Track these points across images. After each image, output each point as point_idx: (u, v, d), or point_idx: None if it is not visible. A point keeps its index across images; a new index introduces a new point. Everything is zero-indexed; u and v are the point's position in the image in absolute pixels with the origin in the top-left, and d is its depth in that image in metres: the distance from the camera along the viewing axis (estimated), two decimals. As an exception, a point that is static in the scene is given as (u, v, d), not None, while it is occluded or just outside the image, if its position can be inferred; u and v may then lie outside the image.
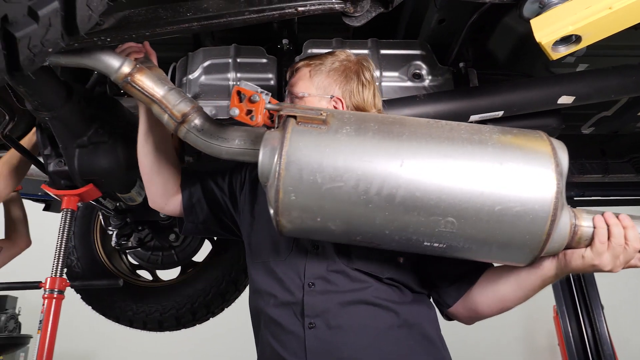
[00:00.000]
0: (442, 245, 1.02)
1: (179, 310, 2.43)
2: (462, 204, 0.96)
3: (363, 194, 0.97)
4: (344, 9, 1.04)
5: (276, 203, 1.00)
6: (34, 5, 0.57)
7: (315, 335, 1.17)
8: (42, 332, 1.56)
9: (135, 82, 1.15)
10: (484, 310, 1.26)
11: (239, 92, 1.09)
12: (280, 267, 1.26)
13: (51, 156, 1.57)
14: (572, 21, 0.98)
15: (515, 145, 1.01)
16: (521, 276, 1.17)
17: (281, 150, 0.99)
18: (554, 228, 0.96)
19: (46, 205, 2.83)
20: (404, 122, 1.06)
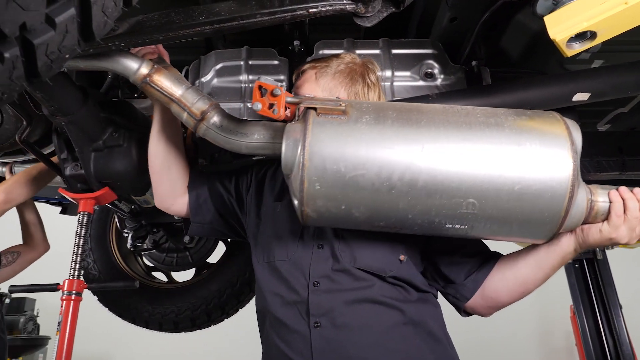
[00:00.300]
0: (464, 227, 1.06)
1: (194, 311, 2.45)
2: (483, 185, 1.00)
3: (386, 180, 1.00)
4: (355, 9, 1.04)
5: (301, 193, 1.03)
6: (51, 13, 0.59)
7: (321, 334, 1.17)
8: (61, 334, 1.58)
9: (154, 82, 1.17)
10: (504, 297, 1.27)
11: (260, 86, 1.11)
12: (285, 266, 1.27)
13: (67, 160, 1.59)
14: (587, 17, 0.97)
15: (530, 126, 1.05)
16: (540, 255, 1.20)
17: (304, 142, 1.02)
18: (571, 204, 1.01)
19: (63, 208, 2.87)
20: (420, 109, 1.10)
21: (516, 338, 6.07)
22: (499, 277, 1.27)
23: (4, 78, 0.60)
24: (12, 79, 0.61)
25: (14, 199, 1.98)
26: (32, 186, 1.98)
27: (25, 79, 0.63)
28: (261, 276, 1.33)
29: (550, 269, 1.21)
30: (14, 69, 0.60)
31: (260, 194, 1.45)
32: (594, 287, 3.53)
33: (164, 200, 1.48)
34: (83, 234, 1.67)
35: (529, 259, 1.23)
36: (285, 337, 1.22)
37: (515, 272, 1.24)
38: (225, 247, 2.65)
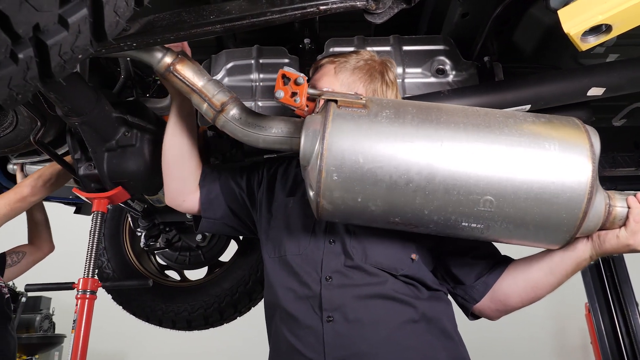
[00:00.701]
0: (480, 226, 1.05)
1: (207, 309, 2.46)
2: (501, 183, 1.00)
3: (404, 173, 1.01)
4: (366, 6, 1.04)
5: (318, 183, 1.03)
6: (64, 13, 0.59)
7: (334, 329, 1.17)
8: (76, 332, 1.60)
9: (177, 71, 1.19)
10: (514, 301, 1.26)
11: (283, 75, 1.12)
12: (297, 260, 1.27)
13: (81, 160, 1.61)
14: (602, 10, 0.96)
15: (549, 128, 1.05)
16: (554, 260, 1.19)
17: (324, 132, 1.03)
18: (590, 206, 1.00)
19: (77, 208, 2.90)
20: (440, 107, 1.10)
21: (531, 336, 6.02)
22: (510, 280, 1.26)
23: (18, 79, 0.60)
24: (26, 80, 0.61)
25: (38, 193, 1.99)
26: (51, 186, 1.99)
27: (39, 79, 0.63)
28: (272, 271, 1.32)
29: (564, 276, 1.19)
30: (28, 70, 0.60)
31: (271, 190, 1.45)
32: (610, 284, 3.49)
33: (175, 197, 1.47)
34: (97, 233, 1.69)
35: (542, 264, 1.21)
36: (296, 332, 1.21)
37: (527, 276, 1.23)
38: (237, 246, 2.66)
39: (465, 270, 1.30)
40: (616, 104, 1.95)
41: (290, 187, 1.43)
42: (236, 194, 1.48)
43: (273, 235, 1.36)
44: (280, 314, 1.26)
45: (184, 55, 1.22)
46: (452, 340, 1.24)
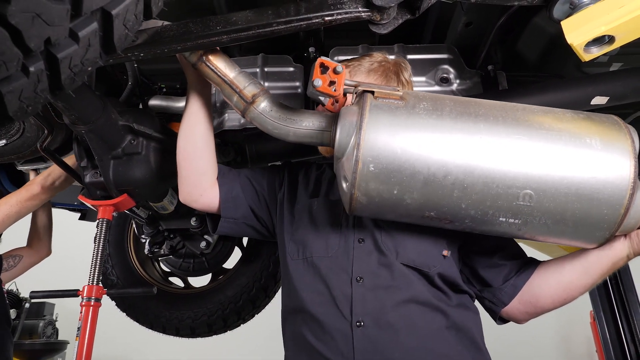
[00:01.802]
0: (517, 221, 1.03)
1: (210, 316, 2.46)
2: (541, 177, 0.98)
3: (442, 166, 0.99)
4: (370, 17, 1.05)
5: (354, 174, 1.02)
6: (74, 27, 0.60)
7: (364, 334, 1.13)
8: (80, 339, 1.60)
9: (210, 61, 1.18)
10: (545, 302, 1.22)
11: (322, 64, 1.10)
12: (325, 262, 1.24)
13: (87, 168, 1.62)
14: (605, 21, 0.96)
15: (589, 123, 1.04)
16: (589, 260, 1.15)
17: (361, 122, 1.01)
18: (632, 202, 0.99)
19: (82, 214, 2.92)
20: (478, 102, 1.09)
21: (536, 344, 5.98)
22: (542, 282, 1.22)
23: (29, 91, 0.61)
24: (36, 92, 0.62)
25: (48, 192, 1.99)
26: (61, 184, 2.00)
27: (49, 91, 0.64)
28: (295, 273, 1.28)
29: (599, 276, 1.16)
30: (39, 82, 0.61)
31: (293, 193, 1.42)
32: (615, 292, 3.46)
33: (191, 192, 1.39)
34: (102, 240, 1.69)
35: (576, 264, 1.17)
36: (322, 337, 1.16)
37: (560, 277, 1.20)
38: (241, 253, 2.66)
39: (493, 272, 1.27)
40: (620, 112, 1.95)
41: (313, 189, 1.41)
42: (257, 194, 1.45)
43: (297, 237, 1.32)
44: (304, 318, 1.22)
45: None
46: (481, 352, 1.21)
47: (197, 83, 1.32)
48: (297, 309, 1.25)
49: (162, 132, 1.59)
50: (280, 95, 1.70)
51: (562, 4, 1.07)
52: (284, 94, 1.70)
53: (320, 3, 1.05)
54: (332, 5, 1.04)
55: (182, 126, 1.35)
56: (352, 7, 1.04)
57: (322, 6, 1.04)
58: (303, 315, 1.22)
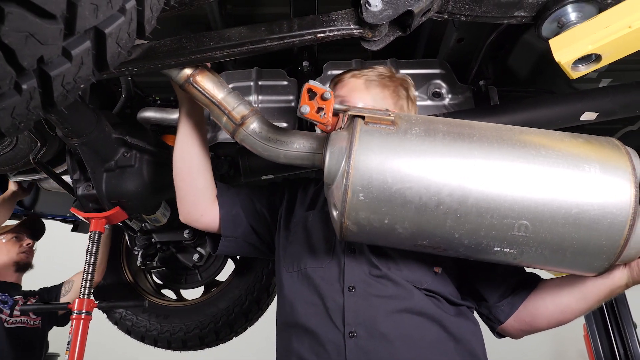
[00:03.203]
0: (513, 251, 1.00)
1: (202, 329, 2.44)
2: (538, 207, 0.94)
3: (434, 195, 0.95)
4: (362, 34, 1.06)
5: (343, 203, 0.98)
6: (67, 46, 0.61)
7: (357, 345, 1.10)
8: (70, 352, 1.59)
9: (197, 83, 1.16)
10: (541, 323, 1.22)
11: (309, 89, 1.08)
12: (318, 273, 1.22)
13: (80, 180, 1.62)
14: (592, 40, 0.98)
15: (588, 149, 1.00)
16: (587, 286, 1.14)
17: (350, 150, 0.98)
18: (632, 232, 0.95)
19: (74, 226, 2.90)
20: (472, 125, 1.05)
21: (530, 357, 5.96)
22: (539, 303, 1.21)
23: (22, 108, 0.62)
24: (29, 109, 0.63)
25: None
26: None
27: (41, 108, 0.65)
28: (290, 286, 1.26)
29: (596, 302, 1.14)
30: (31, 100, 0.62)
31: (291, 208, 1.41)
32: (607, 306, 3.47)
33: (192, 212, 1.38)
34: (94, 253, 1.69)
35: (574, 289, 1.16)
36: (315, 349, 1.14)
37: (557, 300, 1.19)
38: (234, 265, 2.65)
39: (490, 289, 1.26)
40: (610, 127, 1.98)
41: (309, 203, 1.40)
42: (257, 212, 1.43)
43: (292, 250, 1.31)
44: (298, 331, 1.20)
45: (204, 67, 1.19)
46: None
47: (187, 102, 1.31)
48: (291, 324, 1.23)
49: (156, 145, 1.60)
50: (274, 108, 1.71)
51: (550, 22, 1.09)
52: (278, 108, 1.72)
53: (312, 20, 1.06)
54: (325, 23, 1.05)
55: (176, 147, 1.34)
56: (344, 25, 1.05)
57: (315, 23, 1.06)
58: (296, 330, 1.20)
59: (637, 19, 0.94)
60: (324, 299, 1.18)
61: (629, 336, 3.37)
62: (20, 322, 2.61)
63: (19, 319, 2.61)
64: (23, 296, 2.72)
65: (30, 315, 2.65)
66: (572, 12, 1.06)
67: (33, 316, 2.67)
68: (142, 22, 0.73)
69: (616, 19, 0.97)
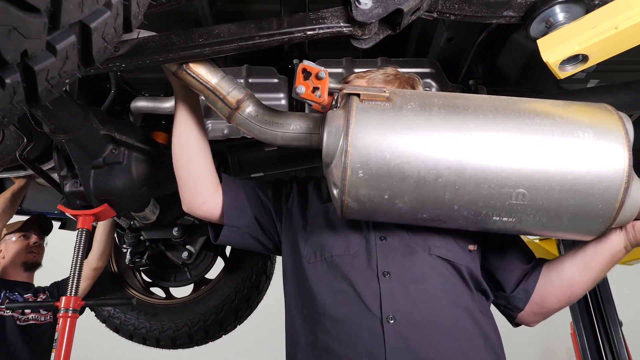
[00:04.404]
0: (511, 220, 1.02)
1: (191, 327, 2.44)
2: (534, 175, 0.96)
3: (432, 168, 0.97)
4: (352, 32, 1.06)
5: (343, 181, 1.00)
6: (52, 40, 0.60)
7: (396, 331, 1.07)
8: (57, 350, 1.57)
9: (190, 69, 1.15)
10: (551, 302, 1.22)
11: (304, 69, 1.08)
12: (347, 260, 1.18)
13: (67, 177, 1.60)
14: (579, 41, 0.99)
15: (582, 115, 1.01)
16: (588, 255, 1.16)
17: (347, 128, 0.99)
18: (627, 195, 0.96)
19: (62, 223, 2.88)
20: (466, 97, 1.06)
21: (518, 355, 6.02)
22: (545, 282, 1.22)
23: (5, 103, 0.61)
24: (12, 104, 0.62)
25: None
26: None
27: (25, 103, 0.64)
28: (314, 277, 1.21)
29: (599, 270, 1.15)
30: (15, 94, 0.61)
31: (304, 201, 1.38)
32: (594, 304, 3.51)
33: (194, 199, 1.35)
34: (81, 250, 1.67)
35: (575, 260, 1.18)
36: (345, 340, 1.09)
37: (562, 274, 1.20)
38: (223, 263, 2.65)
39: (507, 276, 1.26)
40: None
41: (326, 197, 1.37)
42: (262, 204, 1.40)
43: (314, 241, 1.26)
44: (323, 324, 1.14)
45: None
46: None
47: (181, 90, 1.30)
48: (315, 316, 1.17)
49: (145, 142, 1.59)
50: (264, 106, 1.70)
51: (538, 22, 1.10)
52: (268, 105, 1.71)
53: (302, 18, 1.06)
54: (314, 20, 1.05)
55: (174, 134, 1.33)
56: (334, 23, 1.05)
57: (304, 21, 1.06)
58: (322, 321, 1.15)
59: (623, 20, 0.95)
60: (355, 285, 1.14)
61: (614, 334, 3.40)
62: (32, 319, 2.66)
63: (30, 316, 2.65)
64: (33, 293, 2.73)
65: (40, 312, 2.69)
66: (560, 13, 1.07)
67: (43, 312, 2.71)
68: (129, 17, 0.72)
69: (603, 20, 0.98)
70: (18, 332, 2.56)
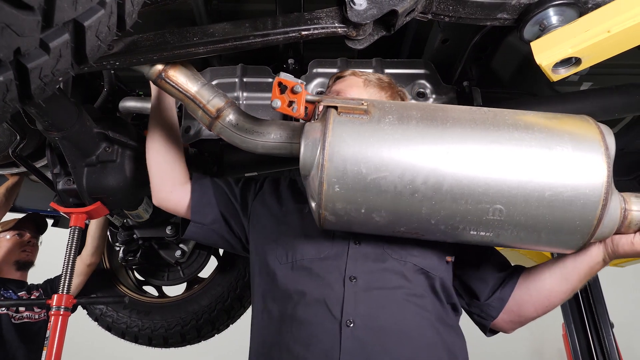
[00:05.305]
0: (489, 234, 1.01)
1: (184, 326, 2.43)
2: (511, 190, 0.95)
3: (409, 183, 0.96)
4: (346, 32, 1.06)
5: (319, 195, 1.00)
6: (45, 38, 0.60)
7: (354, 334, 1.07)
8: (49, 349, 1.57)
9: (169, 77, 1.15)
10: (528, 312, 1.23)
11: (280, 83, 1.08)
12: (316, 263, 1.19)
13: (60, 175, 1.60)
14: (572, 44, 1.00)
15: (562, 129, 1.00)
16: (567, 267, 1.16)
17: (324, 142, 0.98)
18: (605, 212, 0.96)
19: (55, 220, 2.87)
20: (445, 109, 1.06)
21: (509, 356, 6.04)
22: (523, 291, 1.23)
23: (-2, 100, 0.61)
24: (5, 101, 0.62)
25: None
26: None
27: (18, 101, 0.64)
28: (282, 279, 1.22)
29: (578, 281, 1.16)
30: (8, 92, 0.61)
31: (276, 199, 1.38)
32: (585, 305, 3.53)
33: (161, 188, 1.39)
34: (74, 248, 1.67)
35: (554, 271, 1.18)
36: (307, 340, 1.10)
37: (540, 285, 1.20)
38: (217, 262, 2.64)
39: (482, 285, 1.27)
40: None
41: (300, 197, 1.37)
42: (230, 201, 1.41)
43: (284, 241, 1.27)
44: (287, 323, 1.16)
45: None
46: None
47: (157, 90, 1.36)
48: (280, 317, 1.19)
49: (138, 140, 1.58)
50: (258, 105, 1.70)
51: (532, 25, 1.11)
52: (263, 105, 1.71)
53: (297, 18, 1.06)
54: (309, 20, 1.05)
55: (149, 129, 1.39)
56: (329, 23, 1.05)
57: (299, 21, 1.06)
58: (287, 321, 1.16)
59: (616, 24, 0.96)
60: (321, 288, 1.15)
61: (605, 335, 3.43)
62: (26, 317, 2.65)
63: (24, 314, 2.65)
64: (27, 291, 2.72)
65: (34, 310, 2.69)
66: (553, 16, 1.08)
67: (37, 309, 2.70)
68: (123, 15, 0.72)
69: (596, 24, 0.98)
70: (14, 330, 2.55)
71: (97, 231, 2.44)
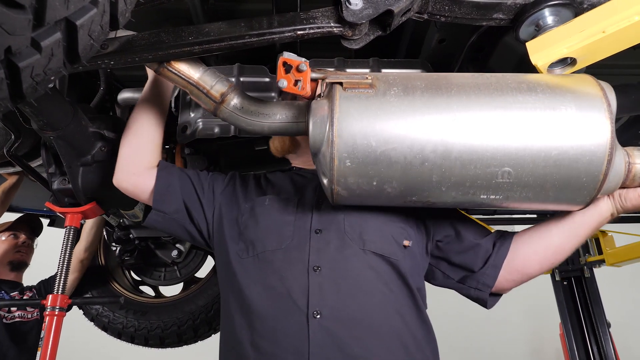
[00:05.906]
0: (498, 197, 1.04)
1: (180, 326, 2.43)
2: (518, 152, 0.97)
3: (418, 153, 0.98)
4: (342, 32, 1.06)
5: (331, 171, 1.01)
6: (37, 37, 0.59)
7: (322, 326, 1.06)
8: (43, 349, 1.56)
9: (172, 65, 1.14)
10: (533, 269, 1.23)
11: (285, 62, 1.08)
12: (279, 255, 1.17)
13: (55, 174, 1.59)
14: (567, 44, 1.00)
15: (564, 89, 1.01)
16: (576, 222, 1.18)
17: (332, 118, 1.00)
18: (610, 167, 0.98)
19: (51, 220, 2.86)
20: (449, 77, 1.06)
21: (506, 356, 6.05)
22: (527, 249, 1.22)
23: (-11, 99, 0.60)
24: (-4, 100, 0.61)
25: None
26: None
27: (10, 100, 0.63)
28: (242, 273, 1.19)
29: (586, 236, 1.19)
30: (-1, 91, 0.60)
31: (242, 194, 1.36)
32: (582, 304, 3.54)
33: (125, 168, 1.35)
34: (69, 248, 1.66)
35: (563, 227, 1.19)
36: (272, 336, 1.08)
37: (548, 241, 1.21)
38: (213, 262, 2.64)
39: (470, 256, 1.26)
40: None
41: (264, 188, 1.36)
42: (195, 193, 1.36)
43: (247, 235, 1.24)
44: (251, 320, 1.12)
45: None
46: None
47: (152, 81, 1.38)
48: (243, 312, 1.15)
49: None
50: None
51: (527, 25, 1.11)
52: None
53: (293, 17, 1.06)
54: (305, 20, 1.05)
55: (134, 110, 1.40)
56: (324, 23, 1.05)
57: (295, 20, 1.05)
58: (250, 317, 1.13)
59: (611, 24, 0.96)
60: (284, 280, 1.13)
61: (602, 335, 3.44)
62: (18, 316, 2.65)
63: (16, 314, 2.64)
64: (20, 292, 2.71)
65: (27, 310, 2.69)
66: (549, 16, 1.08)
67: (30, 309, 2.70)
68: (116, 14, 0.72)
69: (591, 24, 0.98)
70: (4, 330, 2.55)
71: (93, 228, 2.44)
